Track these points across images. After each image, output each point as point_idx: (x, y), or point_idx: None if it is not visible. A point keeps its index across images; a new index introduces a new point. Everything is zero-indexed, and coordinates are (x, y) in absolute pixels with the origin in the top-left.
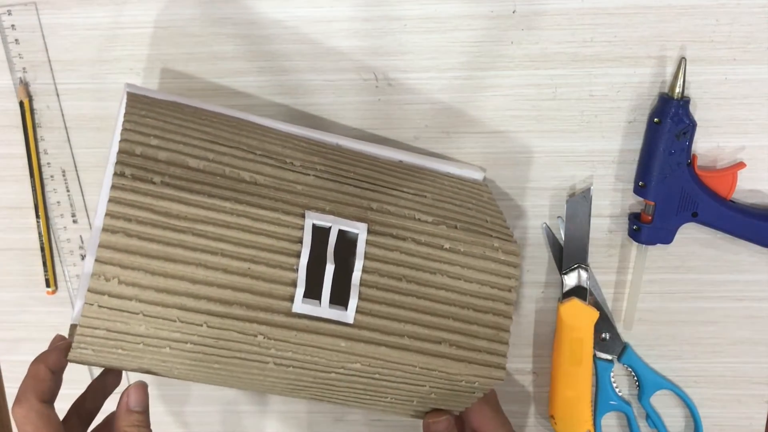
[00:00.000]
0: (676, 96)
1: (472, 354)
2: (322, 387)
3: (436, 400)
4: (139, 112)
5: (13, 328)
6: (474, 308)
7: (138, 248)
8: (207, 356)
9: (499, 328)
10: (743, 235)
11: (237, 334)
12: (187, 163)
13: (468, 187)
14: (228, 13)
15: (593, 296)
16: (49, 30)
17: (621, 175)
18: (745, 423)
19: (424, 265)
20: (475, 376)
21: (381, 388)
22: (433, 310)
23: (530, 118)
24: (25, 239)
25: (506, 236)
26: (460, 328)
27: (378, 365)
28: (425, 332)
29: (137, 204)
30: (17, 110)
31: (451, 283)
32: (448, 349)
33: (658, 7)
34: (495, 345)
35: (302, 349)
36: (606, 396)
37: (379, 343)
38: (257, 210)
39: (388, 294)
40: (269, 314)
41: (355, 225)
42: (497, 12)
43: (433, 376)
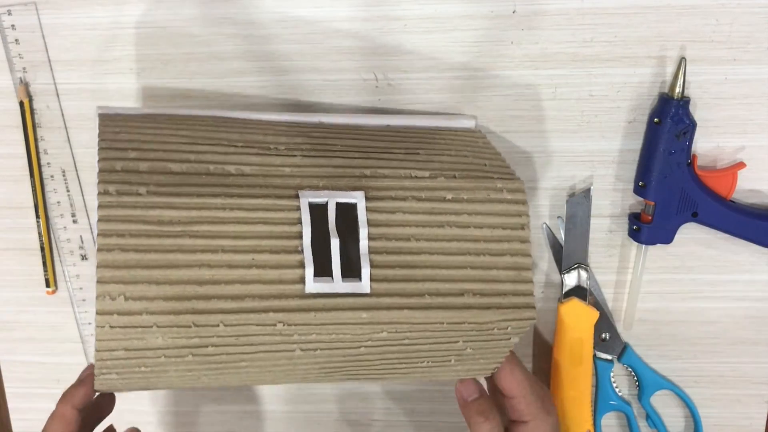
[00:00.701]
0: (676, 96)
1: (498, 299)
2: (355, 364)
3: (473, 355)
4: (113, 129)
5: (13, 328)
6: (490, 253)
7: (137, 261)
8: (231, 356)
9: (520, 268)
10: (743, 235)
11: (255, 327)
12: (170, 169)
13: (461, 136)
14: (228, 13)
15: (593, 296)
16: (49, 30)
17: (621, 175)
18: (745, 423)
19: (430, 220)
20: (505, 320)
21: (414, 354)
22: (448, 263)
23: (530, 118)
24: (25, 239)
25: (508, 175)
26: (480, 275)
27: (404, 330)
28: (445, 287)
29: (127, 218)
30: (17, 110)
31: (462, 232)
32: (472, 299)
33: (658, 7)
34: (519, 286)
35: (325, 329)
36: (606, 396)
37: (401, 307)
38: (249, 200)
39: (400, 256)
40: (283, 300)
41: (352, 195)
42: (497, 12)
43: (464, 329)
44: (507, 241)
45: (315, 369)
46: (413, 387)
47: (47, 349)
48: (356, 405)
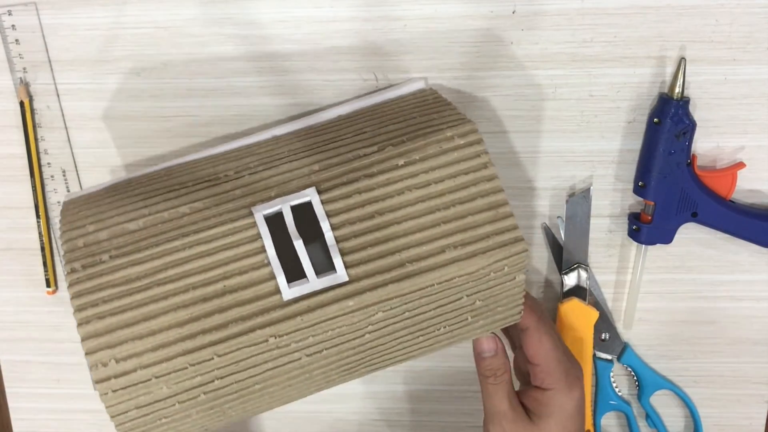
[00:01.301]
0: (676, 96)
1: (482, 244)
2: (371, 353)
3: (487, 306)
4: (73, 211)
5: (13, 328)
6: (459, 202)
7: (116, 324)
8: (242, 383)
9: (496, 206)
10: (743, 235)
11: (249, 348)
12: (128, 229)
13: (410, 99)
14: (228, 13)
15: (593, 296)
16: (49, 30)
17: (621, 175)
18: (745, 423)
19: (388, 192)
20: (497, 262)
21: (425, 324)
22: (419, 226)
23: (530, 118)
24: (25, 239)
25: (458, 121)
26: (456, 227)
27: (398, 304)
28: (424, 249)
29: (97, 287)
30: (17, 110)
31: (424, 192)
32: (454, 252)
33: (658, 7)
34: (500, 224)
35: (318, 329)
36: (606, 396)
37: (384, 283)
38: (206, 233)
39: (368, 236)
40: (266, 315)
41: (304, 194)
42: (497, 12)
43: (459, 284)
44: (473, 185)
45: (333, 370)
46: (413, 387)
47: (47, 349)
48: (356, 405)
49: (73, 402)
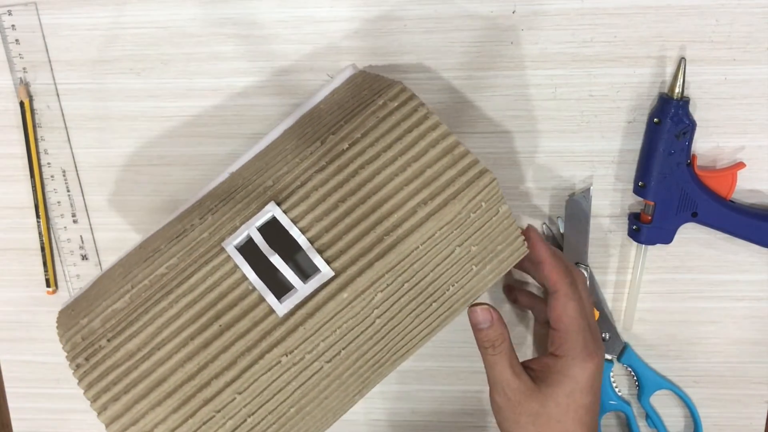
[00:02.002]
0: (676, 96)
1: (449, 189)
2: (390, 338)
3: (485, 248)
4: (66, 314)
5: (13, 328)
6: (414, 160)
7: (132, 399)
8: (275, 412)
9: (450, 151)
10: (743, 235)
11: (266, 375)
12: (117, 309)
13: (342, 87)
14: (228, 13)
15: (593, 296)
16: (49, 30)
17: (621, 175)
18: (745, 423)
19: (343, 178)
20: (471, 201)
21: (429, 289)
22: (383, 198)
23: (530, 118)
24: (25, 239)
25: (385, 86)
26: (419, 184)
27: (392, 278)
28: (396, 217)
29: (104, 373)
30: (17, 110)
31: (377, 165)
32: (426, 208)
33: (658, 7)
34: (459, 164)
35: (325, 331)
36: (606, 396)
37: (370, 263)
38: (187, 283)
39: (339, 225)
40: (269, 337)
41: (264, 211)
42: (497, 12)
43: (445, 237)
44: (421, 139)
45: (363, 368)
46: (414, 387)
47: (47, 349)
48: (358, 405)
49: (73, 402)
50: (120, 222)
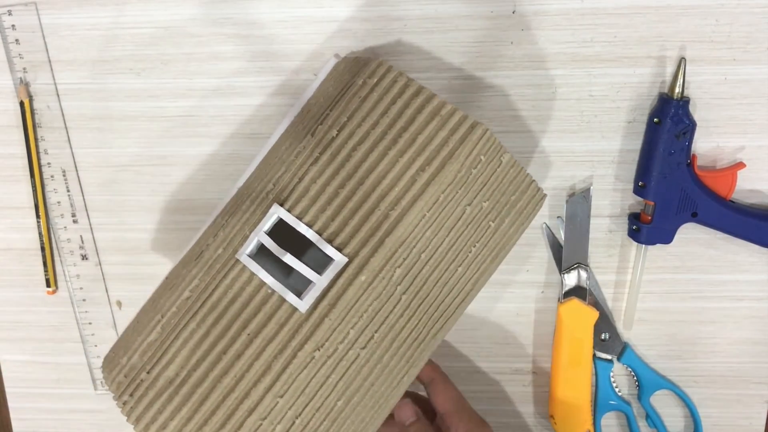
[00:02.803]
0: (676, 96)
1: (444, 150)
2: (421, 313)
3: (498, 201)
4: (110, 359)
5: (13, 328)
6: (403, 130)
7: (179, 424)
8: (322, 409)
9: (437, 112)
10: (743, 235)
11: (303, 373)
12: (151, 340)
13: (328, 80)
14: (228, 13)
15: (593, 296)
16: (49, 30)
17: (621, 175)
18: (745, 423)
19: (339, 164)
20: (468, 156)
21: (450, 255)
22: (381, 174)
23: (530, 118)
24: (25, 239)
25: (363, 66)
26: (413, 153)
27: (407, 251)
28: (397, 191)
29: (149, 404)
30: (17, 110)
31: (369, 144)
32: (425, 175)
33: (658, 7)
34: (449, 123)
35: (352, 318)
36: (606, 396)
37: (381, 241)
38: (210, 301)
39: (344, 212)
40: (297, 335)
41: (269, 214)
42: (497, 12)
43: (452, 199)
44: (407, 108)
45: (402, 348)
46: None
47: (47, 349)
48: None
49: (73, 402)
50: (120, 222)
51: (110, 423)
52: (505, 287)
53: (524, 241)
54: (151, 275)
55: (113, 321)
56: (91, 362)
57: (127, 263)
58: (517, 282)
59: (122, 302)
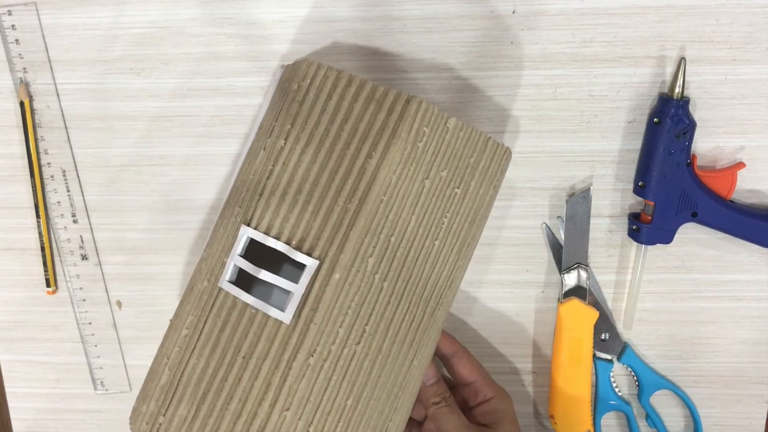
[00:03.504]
0: (676, 96)
1: (386, 133)
2: (413, 293)
3: (458, 167)
4: (135, 409)
5: (13, 328)
6: (343, 121)
7: None
8: (334, 411)
9: (371, 97)
10: (743, 235)
11: (303, 382)
12: (163, 384)
13: (276, 92)
14: (228, 13)
15: (593, 296)
16: (49, 30)
17: (621, 175)
18: (745, 423)
19: (292, 171)
20: (411, 132)
21: (421, 231)
22: (333, 170)
23: (530, 118)
24: (25, 239)
25: (296, 69)
26: (357, 142)
27: (374, 240)
28: (350, 183)
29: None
30: (17, 110)
31: (314, 145)
32: (372, 160)
33: (658, 7)
34: (385, 104)
35: (337, 318)
36: (606, 396)
37: (346, 236)
38: (204, 334)
39: (306, 216)
40: (287, 347)
41: (239, 237)
42: (497, 12)
43: (407, 177)
44: (342, 100)
45: (403, 334)
46: None
47: (47, 349)
48: None
49: (73, 402)
50: (120, 222)
51: (110, 423)
52: (505, 287)
53: (524, 241)
54: (151, 275)
55: (113, 321)
56: (91, 362)
57: (127, 263)
58: (517, 282)
59: (122, 302)
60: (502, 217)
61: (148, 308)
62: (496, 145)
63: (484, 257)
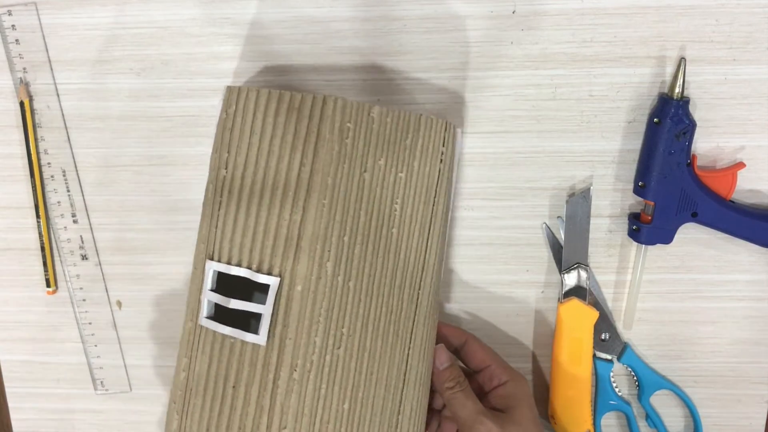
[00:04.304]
0: (676, 96)
1: (311, 137)
2: (383, 285)
3: (395, 151)
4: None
5: (13, 328)
6: (272, 138)
7: None
8: (333, 419)
9: (293, 107)
10: (743, 235)
11: (294, 397)
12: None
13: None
14: (228, 13)
15: (593, 296)
16: (49, 30)
17: (621, 175)
18: (745, 423)
19: (236, 197)
20: (334, 132)
21: (374, 224)
22: (271, 187)
23: (530, 118)
24: (25, 239)
25: (224, 98)
26: (288, 156)
27: (328, 244)
28: (290, 195)
29: None
30: (17, 110)
31: (251, 167)
32: (306, 168)
33: (658, 7)
34: (303, 111)
35: (311, 328)
36: (606, 396)
37: (298, 246)
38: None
39: (257, 237)
40: (269, 366)
41: (206, 272)
42: (497, 12)
43: (341, 176)
44: (266, 117)
45: (384, 326)
46: None
47: (47, 349)
48: None
49: (73, 402)
50: (120, 222)
51: (110, 423)
52: (505, 287)
53: (524, 241)
54: (151, 275)
55: (113, 321)
56: (91, 362)
57: (127, 263)
58: (517, 282)
59: (122, 302)
60: (502, 217)
61: (148, 308)
62: (432, 121)
63: (484, 257)
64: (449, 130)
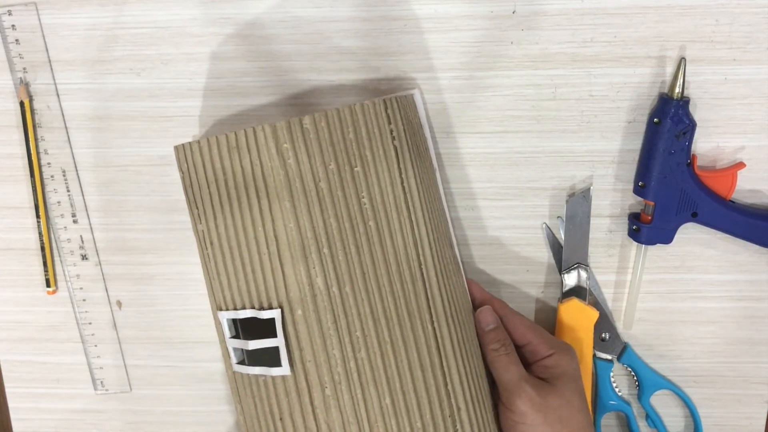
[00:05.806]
0: (676, 96)
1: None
2: (377, 282)
3: (339, 151)
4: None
5: (13, 328)
6: (232, 175)
7: None
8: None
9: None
10: (743, 235)
11: (334, 411)
12: None
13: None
14: (228, 13)
15: (593, 296)
16: (49, 30)
17: (621, 175)
18: (745, 423)
19: (215, 241)
20: (279, 156)
21: (351, 222)
22: (241, 224)
23: (530, 118)
24: (25, 239)
25: None
26: (244, 187)
27: (308, 260)
28: (259, 223)
29: None
30: (17, 110)
31: (218, 207)
32: (263, 194)
33: (658, 7)
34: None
35: (326, 343)
36: (606, 396)
37: (282, 272)
38: (247, 414)
39: (245, 277)
40: (302, 393)
41: (221, 321)
42: (497, 12)
43: (297, 191)
44: (212, 163)
45: (397, 314)
46: None
47: (47, 349)
48: None
49: (73, 402)
50: (120, 222)
51: (110, 423)
52: (505, 287)
53: (524, 241)
54: (151, 275)
55: (113, 321)
56: (91, 362)
57: (127, 263)
58: (517, 282)
59: (122, 302)
60: (502, 217)
61: (148, 308)
62: (367, 106)
63: (484, 257)
64: (391, 105)
